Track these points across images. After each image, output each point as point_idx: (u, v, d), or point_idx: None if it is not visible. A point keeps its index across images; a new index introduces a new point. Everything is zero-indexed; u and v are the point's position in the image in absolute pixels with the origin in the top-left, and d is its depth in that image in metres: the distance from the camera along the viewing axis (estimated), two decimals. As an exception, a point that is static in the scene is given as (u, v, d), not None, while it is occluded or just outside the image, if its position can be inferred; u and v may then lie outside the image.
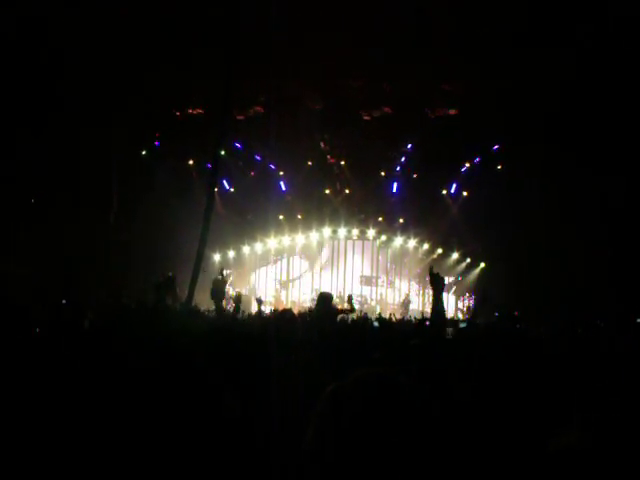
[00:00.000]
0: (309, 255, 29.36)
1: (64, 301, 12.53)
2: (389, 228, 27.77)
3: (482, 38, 16.79)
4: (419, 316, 16.48)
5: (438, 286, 4.42)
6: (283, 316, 6.48)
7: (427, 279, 4.70)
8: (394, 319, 12.47)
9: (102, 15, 16.25)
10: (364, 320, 12.48)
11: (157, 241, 22.26)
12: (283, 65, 18.59)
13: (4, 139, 16.91)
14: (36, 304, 9.32)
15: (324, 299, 8.84)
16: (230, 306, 15.93)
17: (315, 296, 26.65)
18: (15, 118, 16.87)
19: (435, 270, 4.69)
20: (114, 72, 17.35)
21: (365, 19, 16.70)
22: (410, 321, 13.25)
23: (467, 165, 25.12)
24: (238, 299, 8.19)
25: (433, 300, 4.46)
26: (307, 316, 11.22)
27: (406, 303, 26.05)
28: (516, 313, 14.89)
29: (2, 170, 17.52)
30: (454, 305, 27.50)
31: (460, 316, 25.35)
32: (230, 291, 28.16)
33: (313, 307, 22.09)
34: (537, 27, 16.16)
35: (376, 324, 9.46)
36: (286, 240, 28.76)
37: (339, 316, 10.08)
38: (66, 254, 19.17)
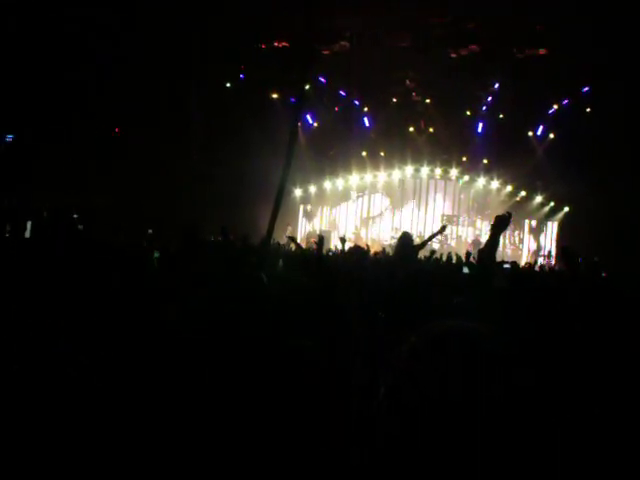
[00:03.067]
0: (390, 193, 29.30)
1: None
2: (472, 168, 27.45)
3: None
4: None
5: (496, 226, 4.32)
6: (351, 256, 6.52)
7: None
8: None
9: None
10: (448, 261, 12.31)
11: (242, 176, 22.54)
12: (370, 1, 18.40)
13: (89, 74, 17.26)
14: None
15: (404, 241, 8.55)
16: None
17: (395, 234, 26.82)
18: (98, 55, 17.17)
19: (507, 213, 4.52)
20: (198, 3, 17.43)
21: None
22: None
23: (555, 107, 24.46)
24: (321, 240, 8.19)
25: (488, 239, 4.38)
26: (382, 259, 11.26)
27: (476, 243, 25.75)
28: (596, 259, 14.62)
29: (87, 105, 17.93)
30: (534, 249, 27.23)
31: (540, 261, 24.99)
32: (312, 228, 28.53)
33: (393, 245, 22.22)
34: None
35: (466, 270, 8.90)
36: (368, 177, 28.76)
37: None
38: (148, 189, 19.61)
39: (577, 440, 2.24)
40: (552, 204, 26.51)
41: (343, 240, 10.01)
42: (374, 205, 29.76)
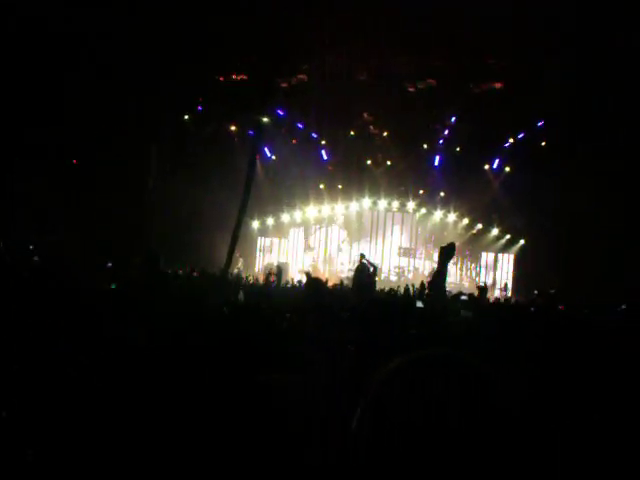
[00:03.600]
0: (348, 225, 29.36)
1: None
2: (429, 201, 27.69)
3: (530, 12, 16.46)
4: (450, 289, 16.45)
5: (442, 256, 4.34)
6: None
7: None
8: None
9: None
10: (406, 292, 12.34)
11: (199, 207, 22.37)
12: (328, 36, 18.48)
13: (51, 104, 17.02)
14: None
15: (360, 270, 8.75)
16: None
17: (352, 267, 26.86)
18: (59, 83, 16.94)
19: (451, 243, 4.55)
20: (158, 37, 17.34)
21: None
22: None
23: (511, 140, 24.79)
24: (280, 272, 8.09)
25: (436, 270, 4.40)
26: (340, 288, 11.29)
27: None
28: (552, 291, 14.70)
29: (49, 135, 17.67)
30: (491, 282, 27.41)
31: (497, 293, 25.14)
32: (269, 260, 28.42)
33: (350, 278, 22.17)
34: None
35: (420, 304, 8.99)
36: (325, 209, 28.79)
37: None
38: (102, 218, 19.31)
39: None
40: (508, 237, 26.78)
41: (308, 274, 10.02)
42: (331, 238, 29.74)
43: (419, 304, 8.78)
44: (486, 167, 25.94)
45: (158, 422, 2.99)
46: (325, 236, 29.77)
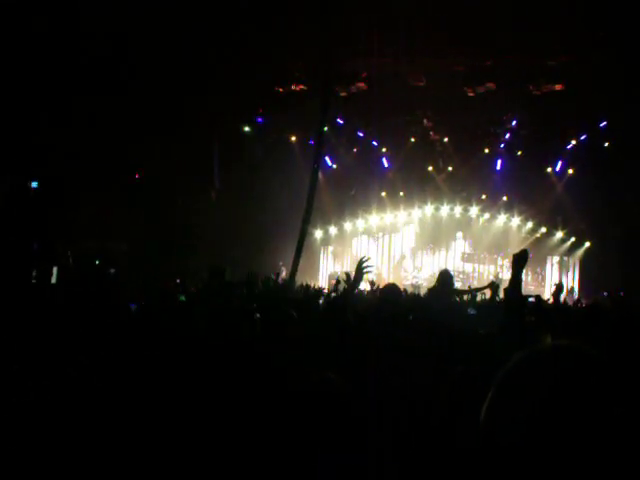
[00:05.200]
0: (411, 233, 29.36)
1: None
2: (492, 206, 27.49)
3: (590, 11, 16.28)
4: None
5: (515, 263, 4.32)
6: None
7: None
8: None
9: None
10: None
11: (259, 217, 22.65)
12: (386, 42, 18.58)
13: (108, 117, 17.42)
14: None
15: (443, 277, 8.27)
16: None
17: (418, 274, 26.88)
18: (115, 91, 17.31)
19: (524, 249, 4.54)
20: (217, 47, 17.64)
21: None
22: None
23: (573, 142, 24.49)
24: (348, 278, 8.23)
25: (510, 277, 4.39)
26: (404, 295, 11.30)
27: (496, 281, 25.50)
28: (622, 293, 14.48)
29: (109, 146, 18.09)
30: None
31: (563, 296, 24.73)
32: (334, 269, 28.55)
33: (415, 285, 22.10)
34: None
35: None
36: (388, 217, 28.83)
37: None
38: (168, 234, 19.70)
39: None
40: (573, 239, 26.42)
41: (372, 283, 10.01)
42: (395, 245, 29.77)
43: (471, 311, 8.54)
44: (549, 170, 25.67)
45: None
46: (389, 244, 29.80)
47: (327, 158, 26.16)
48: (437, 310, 6.23)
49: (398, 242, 29.67)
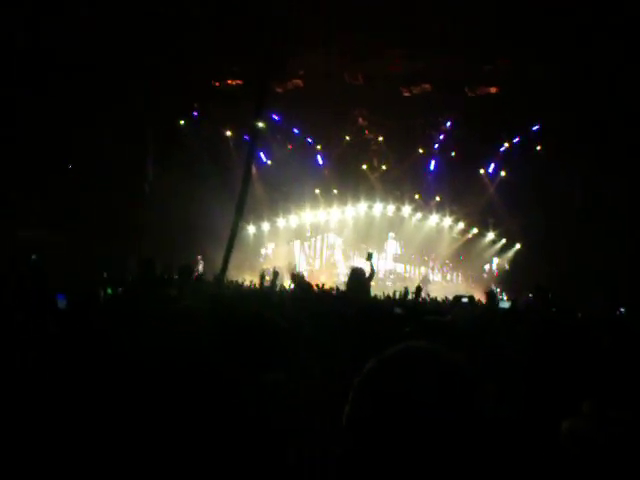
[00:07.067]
0: (343, 230, 29.34)
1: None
2: (425, 206, 27.67)
3: (524, 18, 16.46)
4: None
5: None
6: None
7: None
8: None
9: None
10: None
11: (193, 211, 22.31)
12: (323, 40, 18.49)
13: (44, 107, 16.99)
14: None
15: (355, 274, 8.59)
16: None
17: (348, 272, 26.79)
18: (50, 85, 16.89)
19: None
20: (151, 41, 17.34)
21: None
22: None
23: (506, 145, 24.82)
24: (275, 275, 8.08)
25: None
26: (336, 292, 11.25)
27: (425, 281, 25.79)
28: (549, 295, 14.62)
29: (40, 136, 17.64)
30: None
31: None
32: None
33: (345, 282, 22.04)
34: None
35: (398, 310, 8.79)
36: (321, 215, 28.73)
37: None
38: (96, 224, 19.25)
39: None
40: (504, 241, 26.75)
41: (294, 275, 9.88)
42: (327, 243, 29.73)
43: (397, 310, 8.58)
44: (482, 171, 25.95)
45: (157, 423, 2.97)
46: (321, 241, 29.75)
47: (262, 154, 25.93)
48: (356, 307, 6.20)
49: (331, 240, 29.61)
